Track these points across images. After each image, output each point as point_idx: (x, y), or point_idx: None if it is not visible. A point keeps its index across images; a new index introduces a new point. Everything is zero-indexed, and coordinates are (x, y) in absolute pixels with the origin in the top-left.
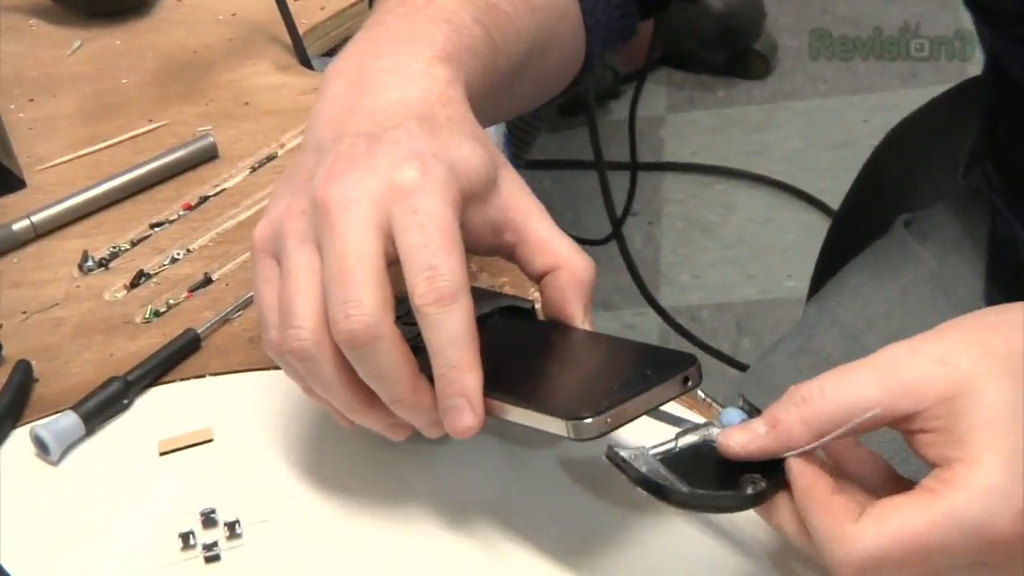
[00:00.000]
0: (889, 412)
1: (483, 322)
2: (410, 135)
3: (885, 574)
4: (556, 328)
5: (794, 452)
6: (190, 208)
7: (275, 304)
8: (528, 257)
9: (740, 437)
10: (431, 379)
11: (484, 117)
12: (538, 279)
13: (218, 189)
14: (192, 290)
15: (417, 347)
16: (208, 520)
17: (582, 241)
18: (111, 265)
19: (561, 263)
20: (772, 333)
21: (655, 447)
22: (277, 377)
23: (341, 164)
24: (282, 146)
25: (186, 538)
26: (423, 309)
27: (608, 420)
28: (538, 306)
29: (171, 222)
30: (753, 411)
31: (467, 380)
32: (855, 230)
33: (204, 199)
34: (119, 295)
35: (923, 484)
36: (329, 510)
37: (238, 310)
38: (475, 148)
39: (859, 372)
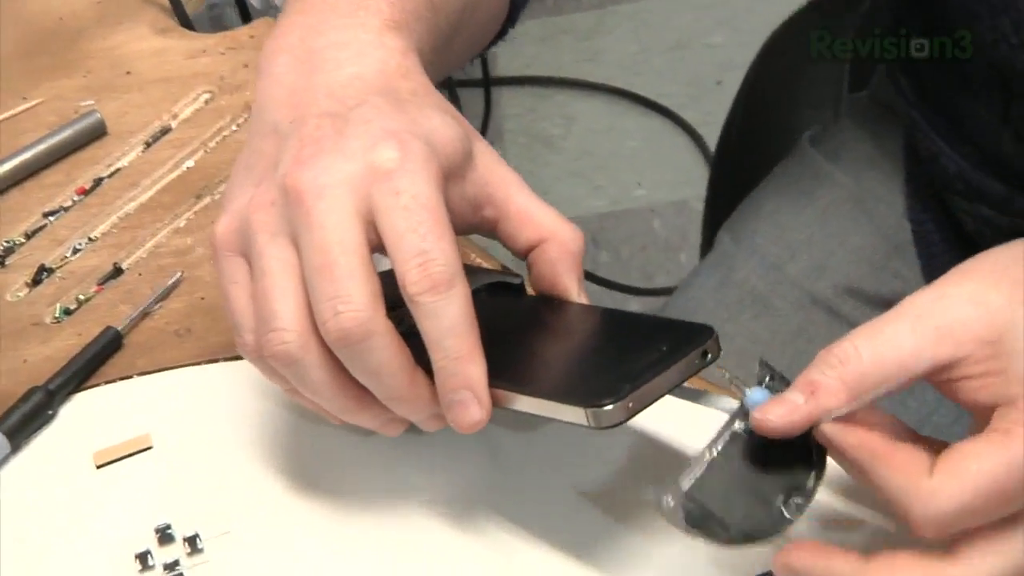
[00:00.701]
0: (930, 360)
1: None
2: (378, 112)
3: (970, 523)
4: (550, 304)
5: (830, 418)
6: (85, 192)
7: (247, 306)
8: (512, 232)
9: (778, 409)
10: (427, 369)
11: None
12: (524, 254)
13: (112, 169)
14: (102, 283)
15: (407, 333)
16: (165, 536)
17: None
18: (7, 261)
19: (548, 235)
20: (628, 245)
21: (687, 473)
22: (213, 372)
23: (309, 148)
24: (175, 117)
25: (143, 559)
26: (417, 298)
27: (630, 405)
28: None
29: (66, 209)
30: (776, 379)
31: (471, 371)
32: (749, 145)
33: (99, 181)
34: (21, 294)
35: (993, 426)
36: (296, 513)
37: (157, 302)
38: (446, 121)
39: (890, 325)
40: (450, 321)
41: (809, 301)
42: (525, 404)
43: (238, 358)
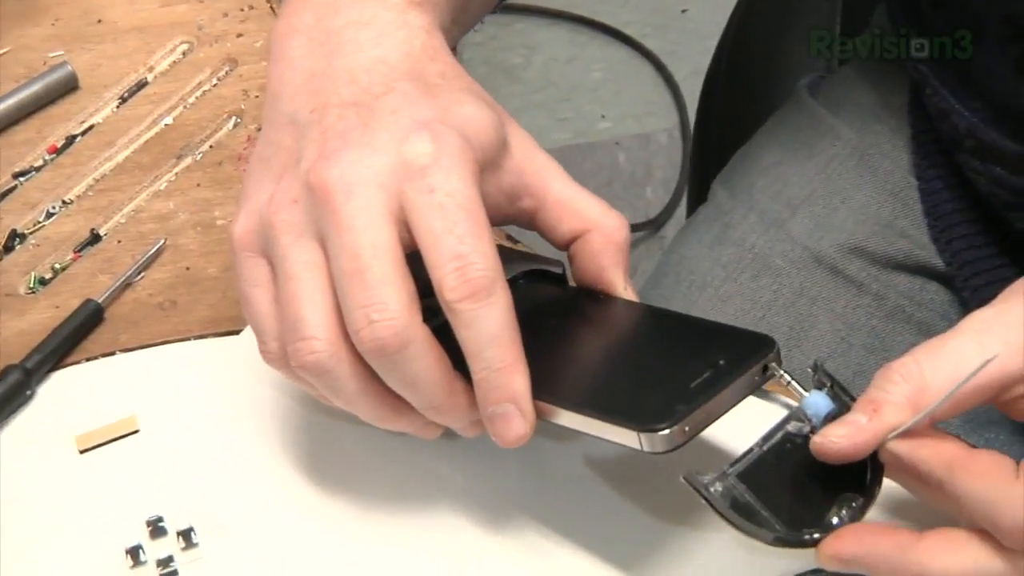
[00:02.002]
0: (999, 374)
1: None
2: (407, 100)
3: None
4: (594, 299)
5: (895, 434)
6: (57, 151)
7: (270, 311)
8: (552, 223)
9: (841, 430)
10: (466, 374)
11: None
12: (565, 246)
13: (85, 126)
14: (79, 250)
15: (440, 327)
16: (157, 529)
17: None
18: None
19: (592, 225)
20: (593, 178)
21: (736, 464)
22: (202, 349)
23: (334, 141)
24: (151, 70)
25: (135, 554)
26: (455, 305)
27: (687, 429)
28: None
29: (37, 169)
30: (838, 389)
31: (515, 383)
32: (737, 91)
33: (71, 139)
34: None
35: None
36: (297, 504)
37: (139, 272)
38: (479, 107)
39: (953, 340)
40: (491, 330)
41: (812, 260)
42: (571, 420)
43: (228, 334)
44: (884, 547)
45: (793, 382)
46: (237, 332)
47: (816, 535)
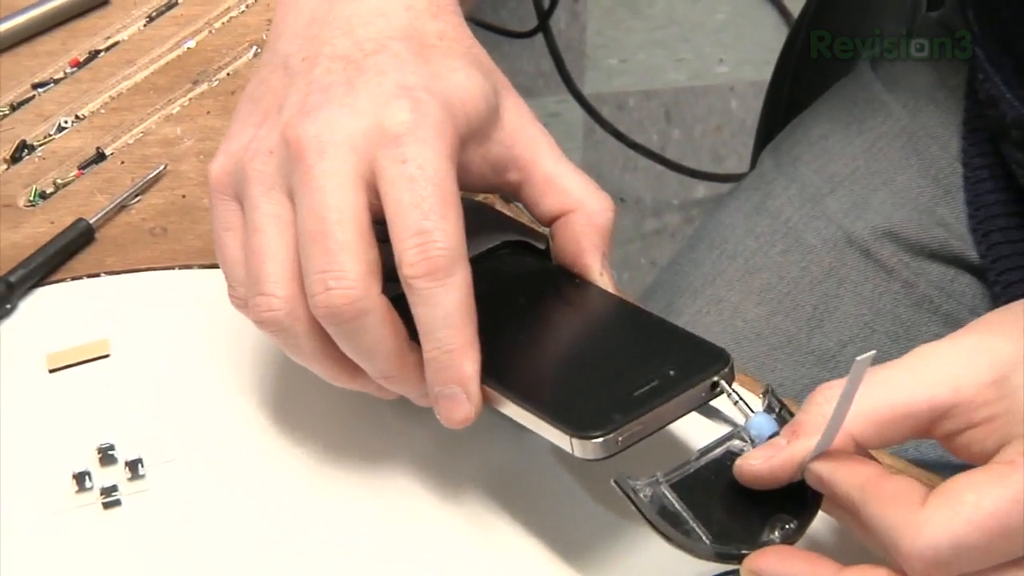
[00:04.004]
0: (927, 402)
1: (485, 258)
2: (397, 62)
3: (965, 563)
4: (569, 283)
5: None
6: (78, 65)
7: (240, 257)
8: (536, 198)
9: (761, 453)
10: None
11: None
12: (548, 223)
13: (110, 42)
14: (83, 167)
15: (399, 297)
16: (106, 458)
17: (503, 32)
18: None
19: (575, 205)
20: (703, 123)
21: (670, 473)
22: (185, 279)
23: (316, 95)
24: None
25: (81, 479)
26: (412, 282)
27: (620, 440)
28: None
29: (56, 82)
30: (786, 413)
31: (463, 366)
32: (812, 56)
33: (94, 54)
34: None
35: (997, 459)
36: (253, 448)
37: (136, 195)
38: (472, 75)
39: (888, 370)
40: (446, 311)
41: (844, 240)
42: (513, 411)
43: (214, 266)
44: (804, 570)
45: (742, 401)
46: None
47: (744, 551)
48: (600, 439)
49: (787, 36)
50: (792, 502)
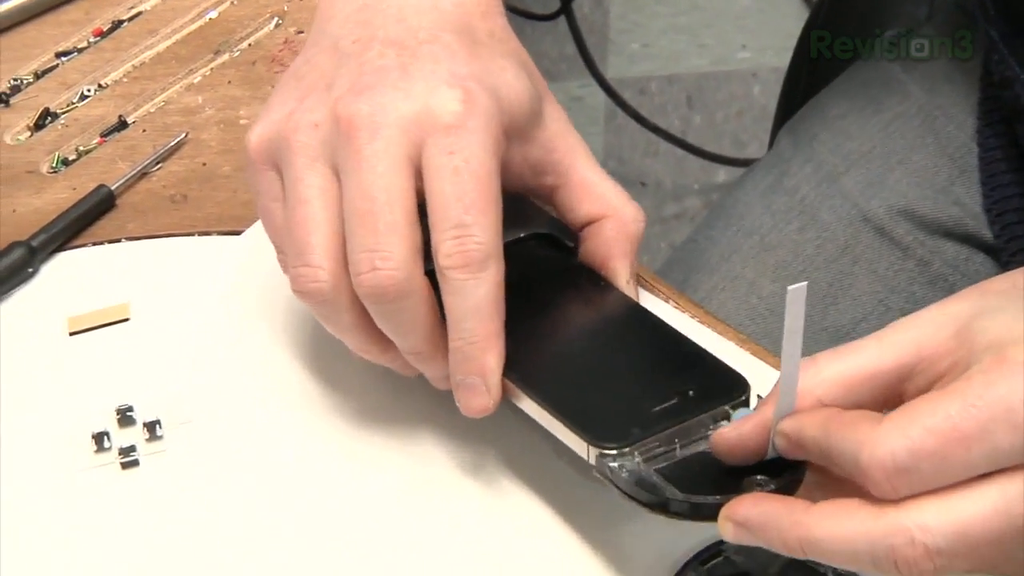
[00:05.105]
0: (893, 362)
1: (513, 247)
2: (450, 53)
3: (925, 474)
4: (595, 284)
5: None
6: (101, 34)
7: (284, 226)
8: (571, 203)
9: (731, 425)
10: None
11: None
12: (580, 228)
13: (133, 12)
14: (105, 135)
15: (429, 273)
16: (125, 419)
17: (526, 15)
18: (12, 100)
19: (609, 212)
20: (724, 109)
21: (648, 454)
22: (204, 246)
23: (369, 76)
24: None
25: (100, 439)
26: (447, 272)
27: (635, 455)
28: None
29: (80, 51)
30: None
31: (486, 359)
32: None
33: (118, 24)
34: (22, 138)
35: (954, 382)
36: (264, 411)
37: (157, 163)
38: (519, 75)
39: (858, 342)
40: (476, 303)
41: (860, 219)
42: (532, 409)
43: (232, 233)
44: (776, 509)
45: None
46: (239, 232)
47: (719, 499)
48: (616, 451)
49: (806, 20)
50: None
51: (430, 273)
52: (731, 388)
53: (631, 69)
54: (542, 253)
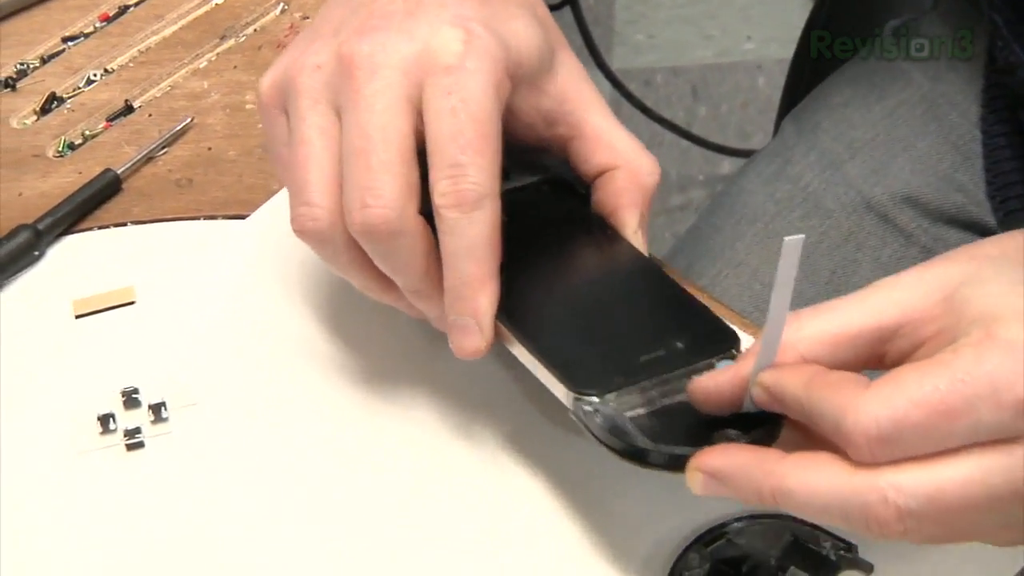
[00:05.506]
0: (875, 322)
1: (524, 191)
2: (459, 0)
3: (907, 444)
4: (603, 232)
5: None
6: (108, 19)
7: None
8: (584, 154)
9: (709, 374)
10: None
11: None
12: (592, 179)
13: None
14: (111, 119)
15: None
16: (130, 401)
17: None
18: (19, 85)
19: (622, 162)
20: (729, 100)
21: (627, 402)
22: (210, 230)
23: (375, 20)
24: None
25: (105, 421)
26: (441, 211)
27: (615, 403)
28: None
29: (86, 36)
30: None
31: (479, 299)
32: (837, 26)
33: (124, 9)
34: (28, 122)
35: (941, 353)
36: (268, 393)
37: (163, 147)
38: (530, 24)
39: (839, 300)
40: (469, 243)
41: (863, 206)
42: (520, 353)
43: (237, 217)
44: (748, 460)
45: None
46: (244, 217)
47: (689, 450)
48: (593, 396)
49: (808, 18)
50: (744, 427)
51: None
52: (720, 341)
53: (636, 60)
54: (554, 199)
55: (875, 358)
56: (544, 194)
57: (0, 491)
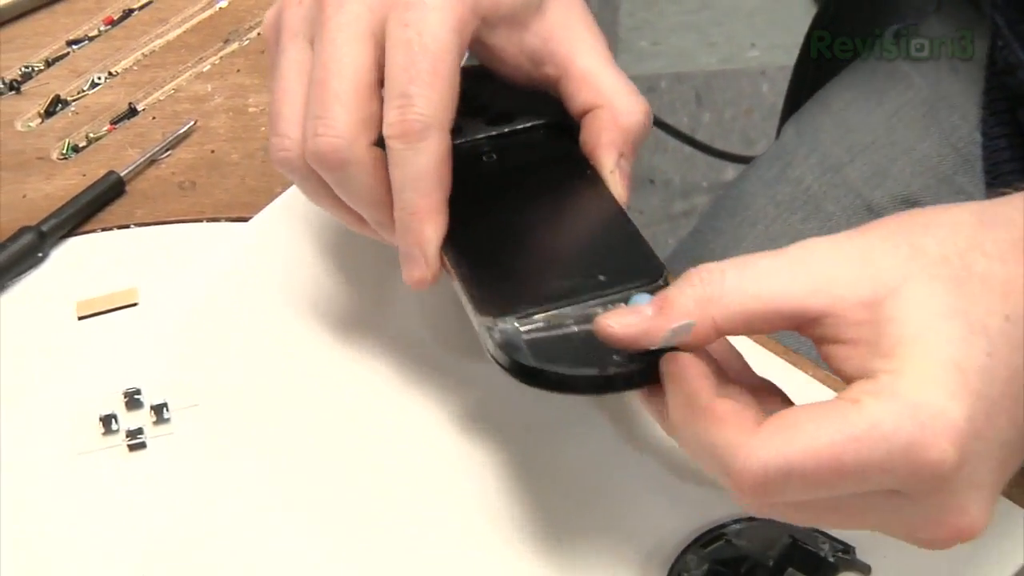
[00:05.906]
0: (799, 307)
1: (518, 134)
2: None
3: (791, 491)
4: (581, 174)
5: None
6: (112, 23)
7: None
8: (571, 93)
9: (623, 317)
10: None
11: None
12: (579, 118)
13: (144, 1)
14: (115, 122)
15: None
16: (132, 402)
17: None
18: (24, 88)
19: (605, 101)
20: (733, 107)
21: (532, 326)
22: (213, 232)
23: None
24: None
25: (107, 422)
26: (389, 141)
27: (522, 331)
28: None
29: (91, 39)
30: None
31: (424, 231)
32: (839, 31)
33: (128, 13)
34: (32, 124)
35: (843, 395)
36: (269, 395)
37: (166, 150)
38: None
39: (768, 259)
40: (415, 173)
41: (863, 208)
42: (456, 287)
43: (240, 219)
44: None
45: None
46: (247, 219)
47: (571, 372)
48: (496, 318)
49: (813, 19)
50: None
51: None
52: (642, 274)
53: (640, 67)
54: (547, 142)
55: (793, 329)
56: (540, 138)
57: (2, 491)
